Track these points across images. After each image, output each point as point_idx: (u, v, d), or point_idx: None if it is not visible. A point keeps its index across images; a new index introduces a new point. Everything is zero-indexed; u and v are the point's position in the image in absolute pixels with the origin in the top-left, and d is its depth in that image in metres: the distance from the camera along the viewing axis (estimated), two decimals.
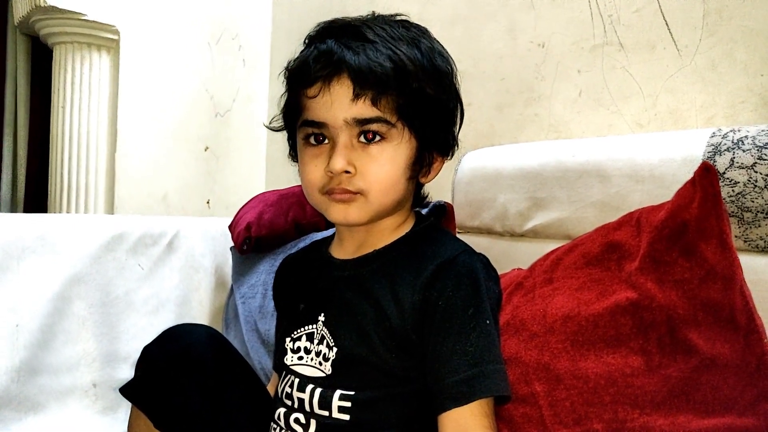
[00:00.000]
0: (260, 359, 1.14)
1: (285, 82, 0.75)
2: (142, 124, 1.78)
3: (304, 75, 0.70)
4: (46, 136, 1.79)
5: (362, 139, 0.69)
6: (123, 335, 1.26)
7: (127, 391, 0.75)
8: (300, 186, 1.28)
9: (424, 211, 0.88)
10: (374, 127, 0.68)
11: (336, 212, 0.71)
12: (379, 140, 0.69)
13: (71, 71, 1.72)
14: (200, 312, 1.39)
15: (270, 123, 0.80)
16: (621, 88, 1.10)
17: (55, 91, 1.74)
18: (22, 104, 1.90)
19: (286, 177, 1.40)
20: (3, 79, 1.85)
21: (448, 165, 0.80)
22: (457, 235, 0.83)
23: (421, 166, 0.73)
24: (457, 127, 0.77)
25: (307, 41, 0.73)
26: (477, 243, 0.85)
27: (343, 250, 0.79)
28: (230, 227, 1.33)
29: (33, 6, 1.64)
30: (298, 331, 0.76)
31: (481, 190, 1.13)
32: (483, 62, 1.36)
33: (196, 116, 1.89)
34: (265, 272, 1.20)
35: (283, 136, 0.80)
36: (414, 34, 0.72)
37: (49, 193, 1.76)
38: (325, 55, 0.68)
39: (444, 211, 0.94)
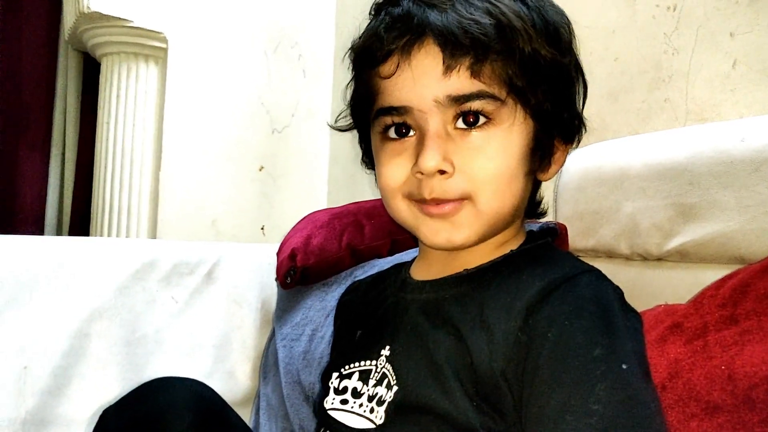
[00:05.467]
0: (302, 421, 0.89)
1: (350, 66, 0.62)
2: (190, 141, 1.65)
3: (374, 50, 0.56)
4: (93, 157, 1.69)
5: (461, 123, 0.54)
6: None
7: None
8: (356, 204, 1.09)
9: (535, 228, 0.67)
10: (477, 105, 0.53)
11: (433, 231, 0.56)
12: (484, 123, 0.54)
13: (117, 84, 1.62)
14: (243, 355, 1.18)
15: (335, 121, 0.67)
16: None
17: (101, 107, 1.64)
18: (71, 123, 1.83)
19: (351, 199, 1.21)
20: (53, 98, 1.78)
21: None
22: None
23: (541, 157, 0.59)
24: (581, 102, 0.62)
25: (374, 10, 0.61)
26: None
27: (425, 270, 0.63)
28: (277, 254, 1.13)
29: (78, 14, 1.54)
30: (351, 366, 0.60)
31: (598, 198, 0.89)
32: (589, 40, 1.10)
33: (250, 132, 1.73)
34: (313, 308, 0.96)
35: (348, 150, 0.62)
36: None
37: (91, 215, 1.66)
38: (400, 20, 0.54)
39: (555, 235, 0.70)
